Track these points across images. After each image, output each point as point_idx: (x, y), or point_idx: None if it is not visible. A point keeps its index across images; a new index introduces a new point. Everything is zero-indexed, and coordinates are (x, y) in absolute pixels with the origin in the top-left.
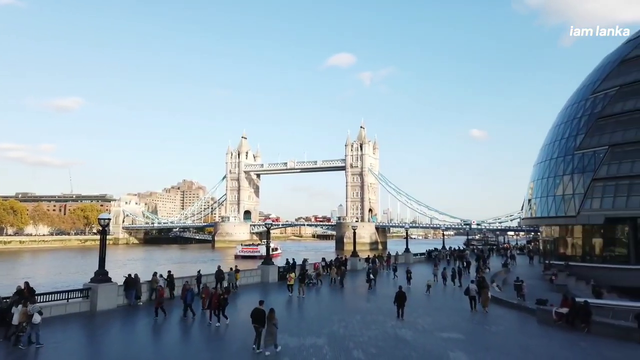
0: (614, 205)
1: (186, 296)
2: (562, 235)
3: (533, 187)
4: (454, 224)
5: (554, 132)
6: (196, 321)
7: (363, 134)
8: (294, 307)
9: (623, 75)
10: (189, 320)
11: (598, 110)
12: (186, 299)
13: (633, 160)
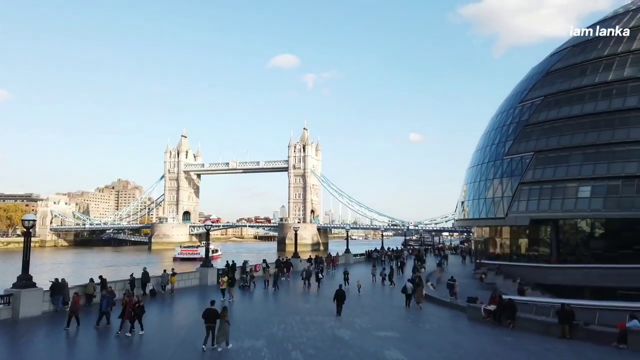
0: (538, 207)
1: (102, 303)
2: (492, 235)
3: (466, 190)
4: (393, 225)
5: (485, 138)
6: (110, 330)
7: (306, 136)
8: (232, 311)
9: (548, 86)
10: (104, 330)
11: (525, 119)
12: (102, 306)
13: (555, 166)
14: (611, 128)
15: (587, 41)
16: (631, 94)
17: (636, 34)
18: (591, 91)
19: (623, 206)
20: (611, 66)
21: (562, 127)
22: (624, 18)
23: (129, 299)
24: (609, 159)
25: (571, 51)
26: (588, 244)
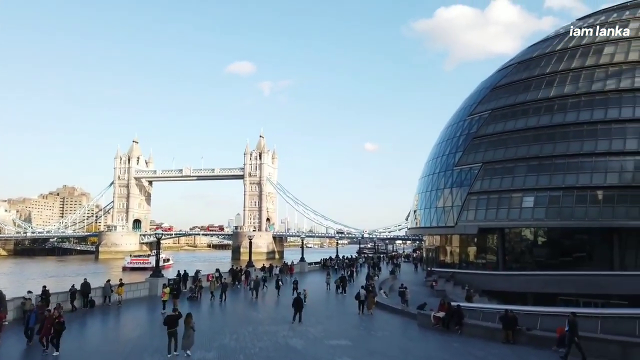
0: (486, 216)
1: (29, 318)
2: (443, 244)
3: (418, 199)
4: (348, 233)
5: (436, 149)
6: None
7: (262, 143)
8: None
9: (494, 100)
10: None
11: (474, 131)
12: (28, 322)
13: (501, 177)
14: (552, 142)
15: (530, 59)
16: (570, 110)
17: (575, 52)
18: (534, 106)
19: (563, 216)
20: (553, 83)
21: (508, 139)
22: (564, 37)
23: (48, 313)
24: (551, 171)
25: (516, 68)
26: (531, 251)
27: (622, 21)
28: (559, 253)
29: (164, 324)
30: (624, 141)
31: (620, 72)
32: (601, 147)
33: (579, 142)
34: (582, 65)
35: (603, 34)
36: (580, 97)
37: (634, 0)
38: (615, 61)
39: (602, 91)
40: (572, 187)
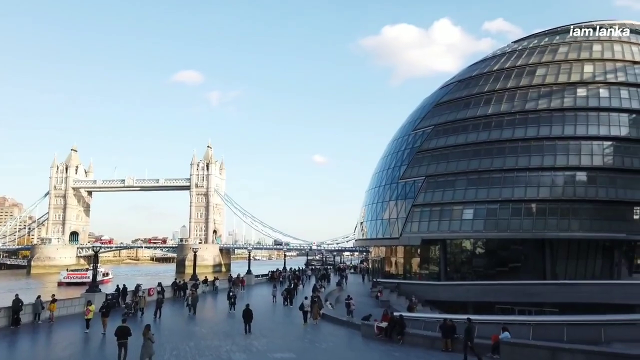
0: (429, 228)
1: None
2: (388, 255)
3: (365, 211)
4: (296, 245)
5: (383, 162)
6: None
7: (210, 154)
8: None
9: (437, 116)
10: None
11: (418, 145)
12: None
13: (443, 190)
14: (490, 157)
15: (470, 77)
16: (506, 127)
17: (510, 73)
18: (474, 122)
19: (500, 227)
20: (490, 101)
21: (450, 154)
22: (501, 59)
23: None
24: (489, 185)
25: (457, 85)
26: (471, 262)
27: (553, 45)
28: (496, 263)
29: (115, 334)
30: (554, 157)
31: (551, 92)
32: (534, 162)
33: (514, 158)
34: (517, 85)
35: (535, 57)
36: (516, 115)
37: (563, 26)
38: (547, 82)
39: (534, 110)
40: (508, 200)
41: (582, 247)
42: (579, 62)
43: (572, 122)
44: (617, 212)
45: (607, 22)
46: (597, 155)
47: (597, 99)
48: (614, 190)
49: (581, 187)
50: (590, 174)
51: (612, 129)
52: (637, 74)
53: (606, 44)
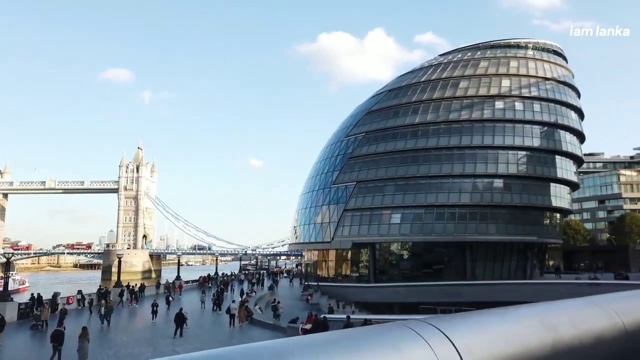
0: (359, 232)
1: None
2: (320, 258)
3: (298, 215)
4: (231, 250)
5: (316, 167)
6: None
7: (140, 155)
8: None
9: (368, 124)
10: None
11: (350, 151)
12: None
13: (373, 195)
14: (417, 164)
15: (399, 87)
16: (432, 136)
17: (436, 85)
18: (402, 131)
19: (425, 231)
20: (417, 111)
21: (380, 160)
22: (428, 70)
23: None
24: (415, 190)
25: (387, 95)
26: (398, 264)
27: (475, 60)
28: (422, 265)
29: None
30: (475, 165)
31: (472, 104)
32: (456, 169)
33: (438, 165)
34: (441, 96)
35: (458, 70)
36: (440, 125)
37: (485, 42)
38: (469, 94)
39: (457, 120)
40: (433, 205)
41: (499, 250)
42: (497, 77)
43: (490, 133)
44: (530, 217)
45: (523, 41)
46: (512, 164)
47: (513, 111)
48: (526, 196)
49: (498, 193)
50: (506, 181)
51: (525, 139)
52: (548, 89)
53: (522, 60)
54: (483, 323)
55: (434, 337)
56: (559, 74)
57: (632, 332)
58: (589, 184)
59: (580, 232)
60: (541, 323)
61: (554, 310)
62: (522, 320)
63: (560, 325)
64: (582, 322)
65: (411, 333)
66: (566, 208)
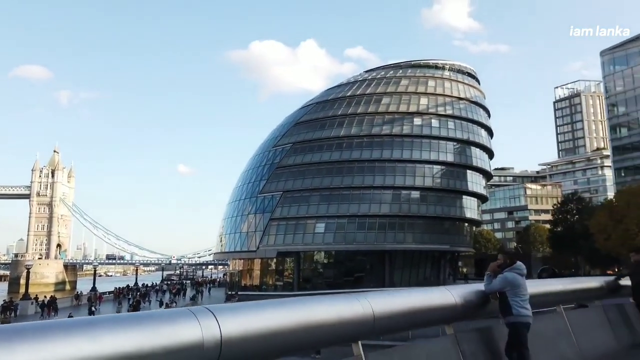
0: (284, 241)
1: None
2: (246, 267)
3: (225, 224)
4: (154, 259)
5: (244, 176)
6: None
7: (57, 159)
8: None
9: (296, 135)
10: None
11: (277, 161)
12: None
13: (299, 205)
14: (341, 175)
15: (327, 100)
16: (355, 148)
17: (361, 99)
18: (328, 143)
19: (348, 240)
20: (343, 124)
21: (306, 171)
22: (354, 86)
23: None
24: (339, 201)
25: (315, 107)
26: (322, 273)
27: (397, 78)
28: (344, 273)
29: None
30: (394, 177)
31: (393, 120)
32: (377, 181)
33: (361, 177)
34: (365, 111)
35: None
36: (363, 138)
37: (407, 61)
38: (390, 110)
39: (379, 134)
40: (355, 215)
41: (415, 258)
42: (417, 95)
43: (409, 147)
44: (443, 227)
45: (440, 62)
46: (428, 177)
47: (430, 128)
48: (441, 207)
49: (415, 204)
50: (423, 193)
51: (440, 154)
52: (461, 108)
53: (439, 80)
54: (245, 308)
55: (204, 315)
56: (472, 94)
57: (378, 317)
58: (499, 196)
59: (491, 241)
60: (290, 310)
61: (311, 303)
62: (275, 308)
63: (314, 311)
64: (336, 310)
65: (188, 313)
66: (476, 219)
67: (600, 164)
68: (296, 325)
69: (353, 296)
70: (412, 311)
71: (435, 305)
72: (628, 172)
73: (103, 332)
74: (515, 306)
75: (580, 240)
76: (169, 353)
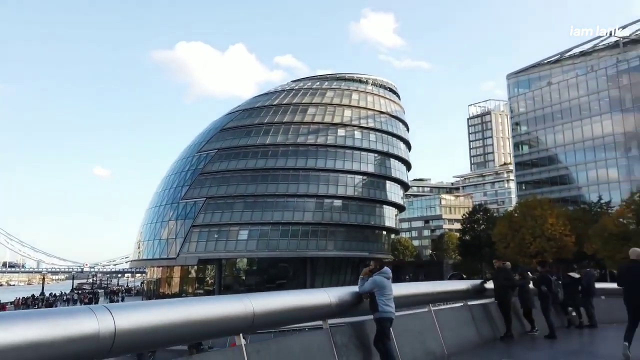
0: (206, 248)
1: None
2: (165, 275)
3: (143, 230)
4: (64, 267)
5: (166, 181)
6: None
7: None
8: None
9: (221, 141)
10: None
11: (201, 167)
12: None
13: (222, 211)
14: (265, 182)
15: (253, 108)
16: (280, 156)
17: (287, 108)
18: (253, 150)
19: (271, 247)
20: (269, 132)
21: (230, 177)
22: (281, 94)
23: None
24: (263, 208)
25: (241, 114)
26: (244, 280)
27: (323, 89)
28: (266, 280)
29: None
30: (317, 186)
31: (319, 130)
32: (301, 189)
33: (285, 184)
34: (291, 120)
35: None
36: (289, 147)
37: (333, 73)
38: (315, 120)
39: (304, 144)
40: (279, 223)
41: (336, 264)
42: (341, 107)
43: (332, 157)
44: (363, 235)
45: (364, 76)
46: (350, 187)
47: (353, 139)
48: (361, 216)
49: (337, 212)
50: (345, 202)
51: (362, 165)
52: (382, 121)
53: (362, 94)
54: (138, 305)
55: (101, 311)
56: (393, 109)
57: (258, 314)
58: (417, 205)
59: (408, 249)
60: (177, 308)
61: (197, 302)
62: (164, 306)
63: (198, 309)
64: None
65: (88, 309)
66: (394, 227)
67: (507, 178)
68: (181, 320)
69: (237, 297)
70: (288, 310)
71: (311, 304)
72: (528, 186)
73: (14, 324)
74: (380, 304)
75: (485, 248)
76: (71, 341)
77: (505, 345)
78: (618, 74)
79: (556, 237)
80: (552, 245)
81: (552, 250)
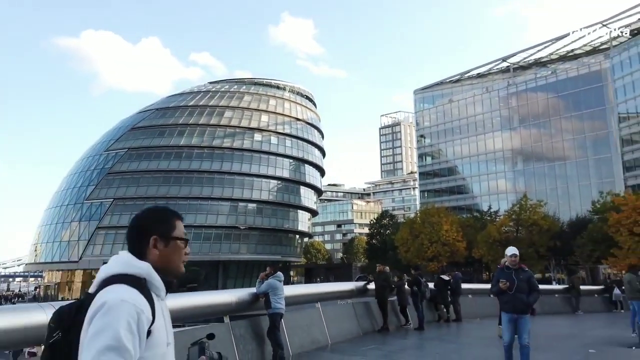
0: (112, 251)
1: None
2: (65, 279)
3: (41, 231)
4: None
5: (69, 180)
6: None
7: None
8: None
9: (132, 140)
10: None
11: (109, 166)
12: None
13: (130, 213)
14: (179, 184)
15: (167, 108)
16: (195, 159)
17: (204, 110)
18: (167, 151)
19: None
20: (184, 133)
21: (141, 178)
22: (197, 96)
23: None
24: (179, 211)
25: (155, 113)
26: None
27: (240, 93)
28: (177, 283)
29: None
30: (232, 189)
31: (235, 133)
32: (216, 192)
33: (199, 187)
34: (207, 122)
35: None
36: (204, 149)
37: (251, 78)
38: (232, 124)
39: (220, 147)
40: (191, 226)
41: (249, 267)
42: (258, 112)
43: (248, 161)
44: (276, 238)
45: (282, 83)
46: (265, 191)
47: (269, 144)
48: (275, 220)
49: (251, 216)
50: (259, 206)
51: (277, 170)
52: (298, 128)
53: (279, 100)
54: None
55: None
56: (309, 116)
57: None
58: (330, 210)
59: (321, 252)
60: None
61: None
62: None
63: None
64: None
65: (38, 306)
66: (306, 232)
67: (413, 186)
68: None
69: None
70: (192, 308)
71: (214, 303)
72: (430, 195)
73: None
74: (273, 302)
75: (389, 251)
76: (27, 329)
77: (381, 336)
78: (508, 95)
79: (450, 242)
80: (447, 250)
81: (446, 255)
